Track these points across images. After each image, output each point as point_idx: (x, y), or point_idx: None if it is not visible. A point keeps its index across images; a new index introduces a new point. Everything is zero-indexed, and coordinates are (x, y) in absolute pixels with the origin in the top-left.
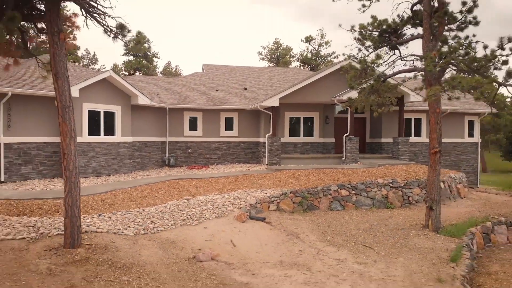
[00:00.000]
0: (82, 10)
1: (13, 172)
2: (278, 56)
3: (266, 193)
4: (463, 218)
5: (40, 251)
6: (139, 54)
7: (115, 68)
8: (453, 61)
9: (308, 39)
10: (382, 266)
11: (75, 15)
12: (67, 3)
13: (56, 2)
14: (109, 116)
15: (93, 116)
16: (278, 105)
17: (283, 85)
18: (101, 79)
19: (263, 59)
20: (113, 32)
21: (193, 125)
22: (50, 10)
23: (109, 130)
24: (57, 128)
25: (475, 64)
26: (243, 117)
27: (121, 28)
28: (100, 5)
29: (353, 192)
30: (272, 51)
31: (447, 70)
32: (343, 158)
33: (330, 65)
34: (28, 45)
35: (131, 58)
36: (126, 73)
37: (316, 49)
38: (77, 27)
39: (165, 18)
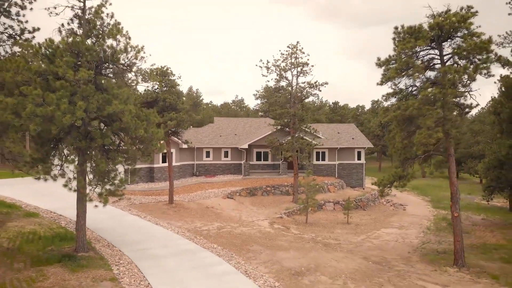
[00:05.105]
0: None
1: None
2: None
3: (236, 188)
4: (319, 200)
5: (161, 205)
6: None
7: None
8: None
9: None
10: (263, 210)
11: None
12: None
13: (166, 136)
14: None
15: (163, 154)
16: (247, 147)
17: (257, 131)
18: None
19: (257, 98)
20: (183, 142)
21: (207, 154)
22: (168, 138)
23: None
24: (147, 160)
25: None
26: (233, 151)
27: (187, 142)
28: (178, 137)
29: (273, 188)
30: (264, 94)
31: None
32: (280, 173)
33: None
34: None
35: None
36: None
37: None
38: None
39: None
